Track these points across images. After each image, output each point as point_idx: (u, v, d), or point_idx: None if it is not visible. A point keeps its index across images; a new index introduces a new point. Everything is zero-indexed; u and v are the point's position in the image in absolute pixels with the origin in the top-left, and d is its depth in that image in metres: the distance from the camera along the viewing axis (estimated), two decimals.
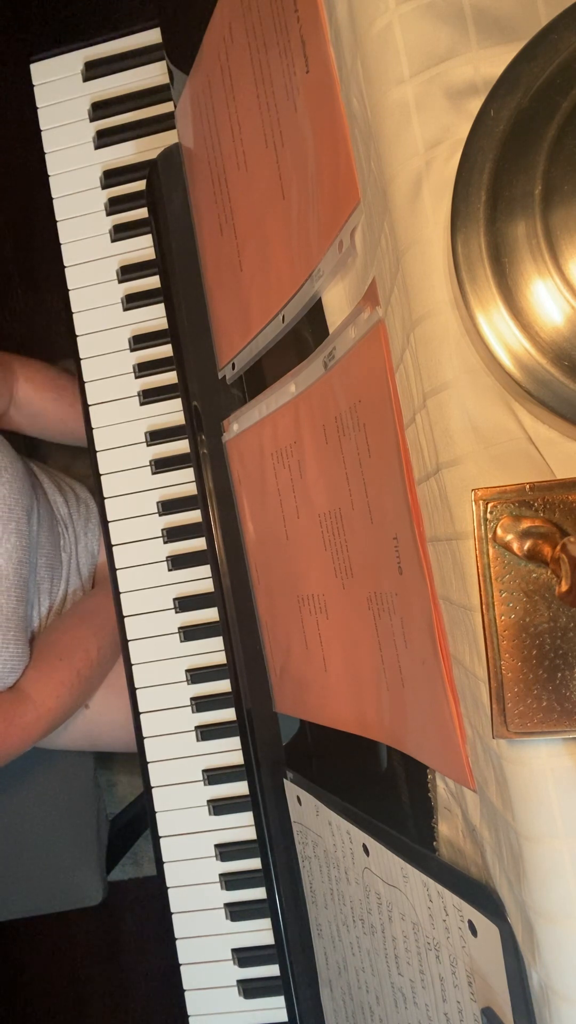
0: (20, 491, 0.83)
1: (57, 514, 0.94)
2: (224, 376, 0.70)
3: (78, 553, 0.96)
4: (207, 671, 0.78)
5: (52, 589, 0.91)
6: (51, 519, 0.91)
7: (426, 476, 0.42)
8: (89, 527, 0.98)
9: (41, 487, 0.93)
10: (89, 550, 0.98)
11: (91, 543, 0.98)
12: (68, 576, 0.94)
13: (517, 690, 0.36)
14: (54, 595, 0.92)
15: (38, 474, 0.95)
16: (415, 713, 0.49)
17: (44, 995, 1.60)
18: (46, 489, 0.94)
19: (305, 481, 0.58)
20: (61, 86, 0.86)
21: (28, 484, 0.86)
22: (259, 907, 0.75)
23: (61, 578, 0.93)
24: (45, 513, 0.90)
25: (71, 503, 0.97)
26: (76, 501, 0.98)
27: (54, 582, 0.91)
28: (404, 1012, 0.53)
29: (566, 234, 0.34)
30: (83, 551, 0.97)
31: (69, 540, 0.95)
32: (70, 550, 0.95)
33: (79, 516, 0.97)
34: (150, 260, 0.82)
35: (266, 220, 0.59)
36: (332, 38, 0.47)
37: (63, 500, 0.96)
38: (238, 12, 0.59)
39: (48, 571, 0.90)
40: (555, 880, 0.37)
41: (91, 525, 0.98)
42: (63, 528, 0.94)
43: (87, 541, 0.98)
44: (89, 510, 0.99)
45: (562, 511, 0.35)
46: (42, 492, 0.92)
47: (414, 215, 0.39)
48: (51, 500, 0.94)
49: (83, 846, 1.00)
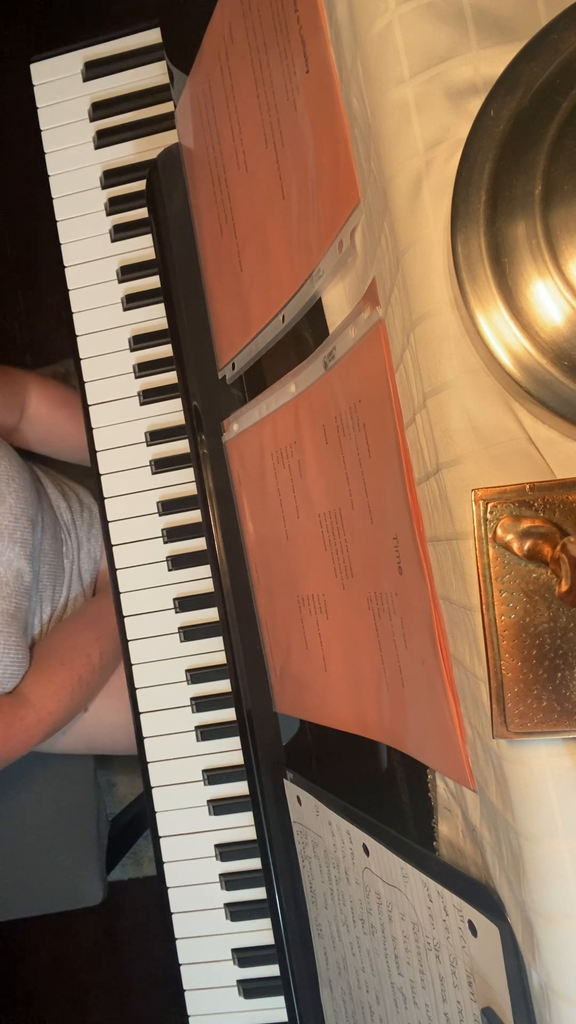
0: (27, 501, 0.84)
1: (60, 520, 0.94)
2: (224, 376, 0.70)
3: (80, 559, 0.96)
4: (207, 671, 0.78)
5: (54, 596, 0.91)
6: (55, 527, 0.92)
7: (426, 476, 0.42)
8: (92, 533, 0.98)
9: (45, 493, 0.94)
10: (92, 556, 0.98)
11: (94, 549, 0.98)
12: (70, 583, 0.94)
13: (517, 690, 0.36)
14: (56, 601, 0.92)
15: (42, 479, 0.95)
16: (415, 713, 0.49)
17: (44, 995, 1.60)
18: (50, 495, 0.95)
19: (305, 481, 0.58)
20: (61, 86, 0.86)
21: (34, 494, 0.86)
22: (259, 907, 0.75)
23: (63, 584, 0.93)
24: (49, 521, 0.90)
25: (75, 509, 0.97)
26: (80, 507, 0.98)
27: (56, 589, 0.91)
28: (404, 1012, 0.53)
29: (566, 234, 0.34)
30: (85, 557, 0.97)
31: (72, 547, 0.95)
32: (72, 556, 0.95)
33: (82, 522, 0.97)
34: (150, 260, 0.82)
35: (266, 220, 0.59)
36: (332, 38, 0.47)
37: (67, 506, 0.96)
38: (238, 12, 0.59)
39: (50, 579, 0.90)
40: (555, 880, 0.37)
41: (94, 531, 0.98)
42: (66, 535, 0.94)
43: (90, 547, 0.98)
44: (92, 515, 0.99)
45: (562, 511, 0.35)
46: (47, 499, 0.92)
47: (414, 215, 0.39)
48: (55, 506, 0.94)
49: (83, 846, 1.00)
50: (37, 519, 0.86)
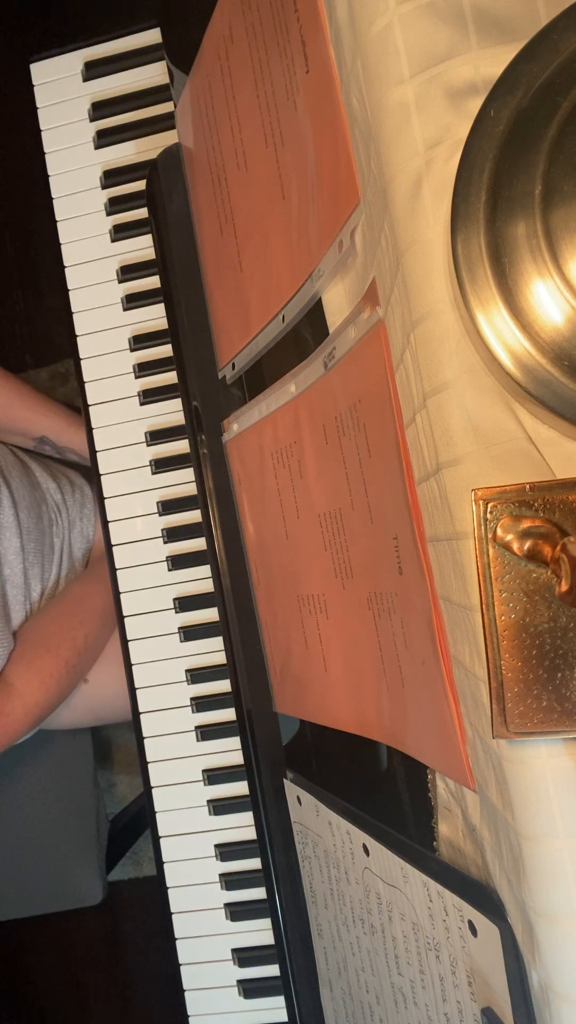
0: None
1: (50, 499, 0.94)
2: (224, 376, 0.70)
3: (71, 538, 0.97)
4: (207, 671, 0.78)
5: (43, 575, 0.91)
6: (33, 501, 0.91)
7: (426, 476, 0.42)
8: (84, 512, 0.99)
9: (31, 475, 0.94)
10: (84, 535, 0.99)
11: (87, 528, 0.99)
12: (60, 560, 0.95)
13: (517, 690, 0.36)
14: (46, 580, 0.92)
15: (28, 462, 0.95)
16: (415, 713, 0.49)
17: (44, 995, 1.60)
18: (39, 477, 0.95)
19: (305, 481, 0.58)
20: (61, 86, 0.86)
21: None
22: (259, 907, 0.75)
23: (52, 563, 0.93)
24: (25, 497, 0.90)
25: (65, 490, 0.97)
26: (71, 487, 0.99)
27: (45, 567, 0.92)
28: (404, 1012, 0.53)
29: (566, 234, 0.34)
30: (77, 536, 0.98)
31: (63, 526, 0.95)
32: (63, 535, 0.95)
33: (74, 502, 0.98)
34: (150, 260, 0.82)
35: (266, 220, 0.59)
36: (332, 38, 0.47)
37: (56, 487, 0.96)
38: (238, 12, 0.59)
39: (37, 556, 0.90)
40: (555, 880, 0.37)
41: (86, 511, 0.99)
42: (55, 514, 0.95)
43: (82, 526, 0.98)
44: (84, 496, 1.00)
45: (562, 511, 0.35)
46: (19, 474, 0.92)
47: (414, 215, 0.39)
48: (44, 488, 0.95)
49: (83, 846, 1.00)
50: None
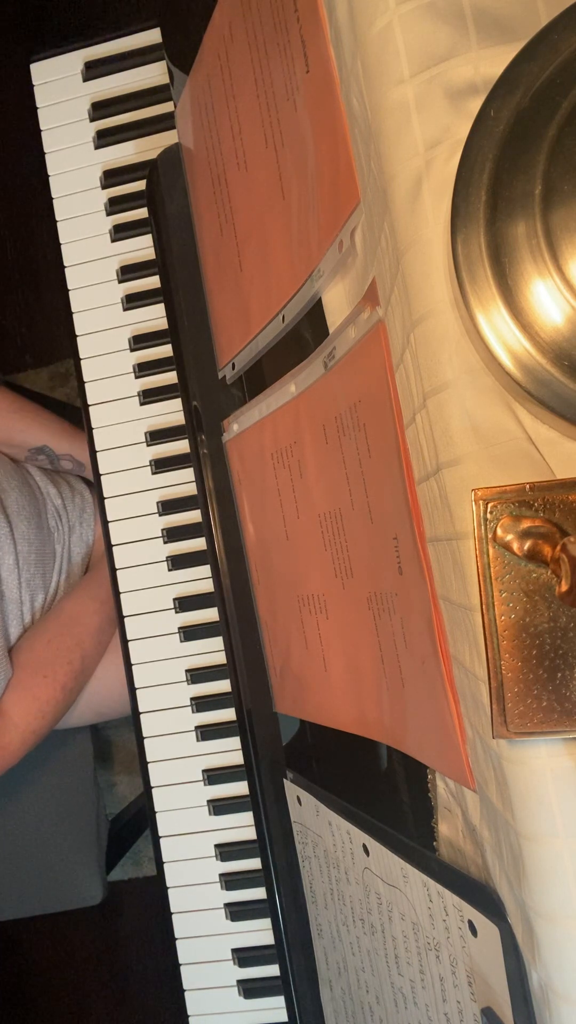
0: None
1: (51, 505, 0.94)
2: (224, 376, 0.70)
3: (71, 543, 0.97)
4: (207, 671, 0.78)
5: (45, 583, 0.91)
6: (34, 511, 0.91)
7: (426, 476, 0.42)
8: (84, 516, 0.99)
9: (31, 482, 0.94)
10: (84, 539, 0.99)
11: (86, 532, 0.99)
12: (60, 566, 0.95)
13: (517, 690, 0.36)
14: (48, 587, 0.92)
15: (30, 469, 0.96)
16: (415, 713, 0.49)
17: (44, 995, 1.60)
18: (39, 483, 0.95)
19: (305, 481, 0.58)
20: (61, 86, 0.86)
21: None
22: (259, 907, 0.75)
23: (53, 569, 0.93)
24: (25, 507, 0.90)
25: (65, 495, 0.97)
26: (71, 492, 0.99)
27: (46, 575, 0.92)
28: (404, 1012, 0.53)
29: (566, 234, 0.34)
30: (77, 540, 0.98)
31: (63, 531, 0.95)
32: (64, 540, 0.95)
33: (74, 507, 0.98)
34: (150, 260, 0.82)
35: (266, 220, 0.59)
36: (332, 38, 0.47)
37: (57, 492, 0.96)
38: (238, 12, 0.59)
39: (38, 567, 0.90)
40: (555, 880, 0.37)
41: (86, 515, 0.99)
42: (56, 520, 0.94)
43: (82, 531, 0.98)
44: (84, 500, 1.00)
45: (562, 511, 0.35)
46: (18, 484, 0.92)
47: (414, 215, 0.39)
48: (45, 493, 0.95)
49: (83, 846, 1.00)
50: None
